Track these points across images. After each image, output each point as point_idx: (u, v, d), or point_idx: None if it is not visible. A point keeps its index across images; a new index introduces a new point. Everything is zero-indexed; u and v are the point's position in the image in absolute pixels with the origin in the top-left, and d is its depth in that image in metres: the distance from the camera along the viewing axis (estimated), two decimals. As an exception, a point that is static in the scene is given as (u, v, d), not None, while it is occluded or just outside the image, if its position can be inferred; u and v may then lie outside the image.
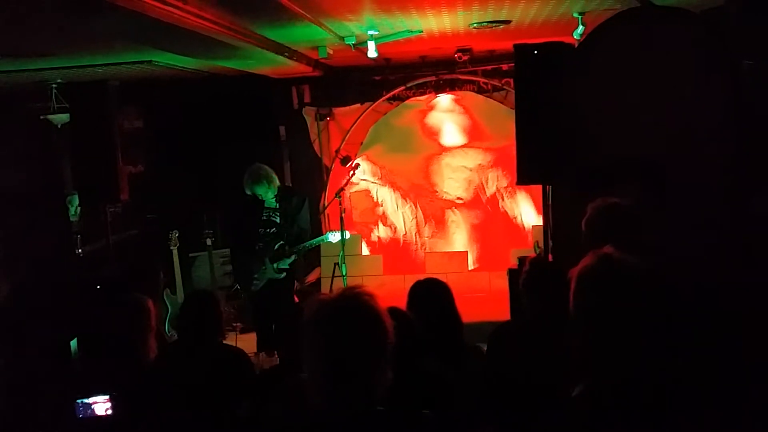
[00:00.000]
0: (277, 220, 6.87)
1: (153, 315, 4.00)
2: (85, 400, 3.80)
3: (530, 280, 3.71)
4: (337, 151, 9.87)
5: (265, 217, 6.89)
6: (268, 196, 6.81)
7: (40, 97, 8.06)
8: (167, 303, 7.76)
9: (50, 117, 7.78)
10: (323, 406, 2.12)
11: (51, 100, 7.86)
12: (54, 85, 7.83)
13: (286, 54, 7.19)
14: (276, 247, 6.83)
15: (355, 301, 2.13)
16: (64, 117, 7.58)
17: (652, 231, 3.70)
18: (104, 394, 3.81)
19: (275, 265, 6.85)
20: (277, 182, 6.87)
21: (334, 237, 7.34)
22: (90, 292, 6.64)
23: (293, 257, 6.89)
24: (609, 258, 2.30)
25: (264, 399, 4.03)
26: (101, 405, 3.81)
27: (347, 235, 7.53)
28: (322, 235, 7.44)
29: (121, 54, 6.60)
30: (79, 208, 7.91)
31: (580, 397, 2.27)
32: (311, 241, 7.04)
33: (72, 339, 5.63)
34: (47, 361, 5.46)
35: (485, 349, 3.95)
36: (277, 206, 6.87)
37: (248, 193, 6.79)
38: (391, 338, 2.14)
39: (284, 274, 6.89)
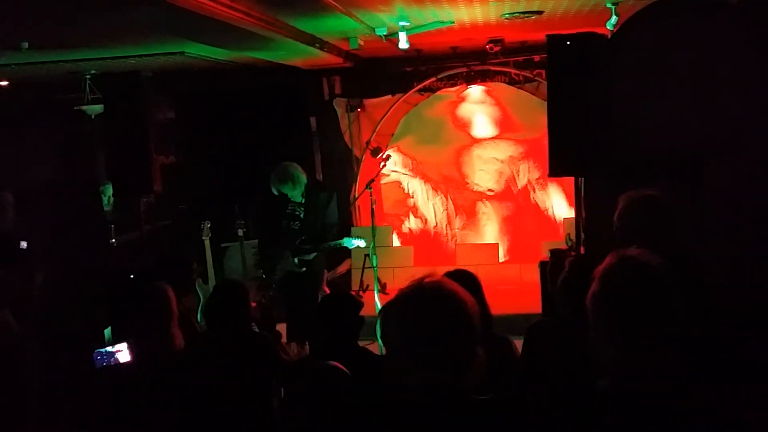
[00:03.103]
0: (301, 215, 6.91)
1: (173, 302, 4.00)
2: (107, 349, 3.81)
3: (569, 281, 3.65)
4: (367, 143, 9.86)
5: (289, 211, 6.93)
6: (294, 193, 6.85)
7: (74, 88, 8.15)
8: (199, 293, 7.80)
9: (84, 108, 7.87)
10: (416, 394, 2.10)
11: (84, 91, 7.94)
12: (88, 76, 7.91)
13: (317, 45, 7.19)
14: (298, 242, 6.87)
15: (442, 287, 2.14)
16: (97, 108, 7.65)
17: (688, 226, 3.65)
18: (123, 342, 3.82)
19: (296, 260, 6.89)
20: (304, 179, 6.89)
21: (354, 242, 7.31)
22: (123, 281, 6.71)
23: (314, 254, 6.92)
24: (632, 260, 2.27)
25: (294, 388, 4.05)
26: (122, 353, 3.82)
27: (362, 243, 7.41)
28: (352, 226, 7.42)
29: (154, 45, 6.65)
30: (112, 199, 7.99)
31: (603, 394, 2.25)
32: (332, 243, 7.05)
33: (105, 328, 5.69)
34: (81, 350, 5.52)
35: (515, 341, 3.93)
36: (302, 201, 6.90)
37: (274, 192, 6.84)
38: (478, 324, 2.13)
39: (305, 268, 6.93)
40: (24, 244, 5.38)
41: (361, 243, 7.30)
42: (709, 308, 3.13)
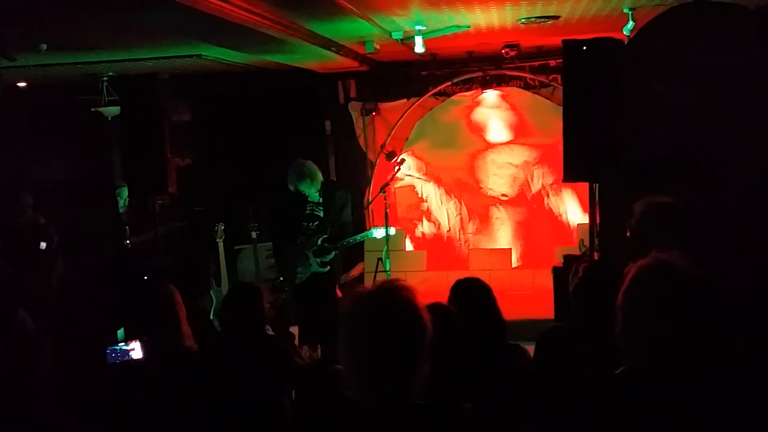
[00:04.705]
0: (320, 215, 6.91)
1: (180, 302, 4.00)
2: (121, 346, 3.83)
3: (583, 288, 3.64)
4: (382, 146, 9.86)
5: (308, 211, 6.93)
6: (312, 191, 6.86)
7: (91, 89, 8.20)
8: (212, 295, 7.83)
9: (101, 109, 7.92)
10: (361, 399, 2.13)
11: (102, 92, 7.99)
12: (105, 78, 7.97)
13: (333, 48, 7.22)
14: (319, 241, 6.87)
15: (393, 294, 2.12)
16: (114, 109, 7.70)
17: (703, 231, 3.64)
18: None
19: (318, 260, 6.89)
20: (321, 177, 6.91)
21: (378, 233, 7.34)
22: (137, 282, 6.74)
23: (334, 253, 6.93)
24: (668, 264, 2.29)
25: (305, 391, 4.06)
26: (135, 351, 3.84)
27: (392, 230, 7.51)
28: (366, 230, 7.44)
29: (171, 48, 6.70)
30: (127, 200, 8.03)
31: (621, 376, 2.28)
32: (356, 237, 7.06)
33: (119, 328, 5.72)
34: (95, 350, 5.55)
35: (527, 347, 3.92)
36: (321, 200, 6.91)
37: (291, 189, 6.84)
38: (429, 332, 2.13)
39: (328, 267, 6.93)
40: (43, 245, 5.41)
41: (387, 232, 7.33)
42: (723, 311, 3.12)
